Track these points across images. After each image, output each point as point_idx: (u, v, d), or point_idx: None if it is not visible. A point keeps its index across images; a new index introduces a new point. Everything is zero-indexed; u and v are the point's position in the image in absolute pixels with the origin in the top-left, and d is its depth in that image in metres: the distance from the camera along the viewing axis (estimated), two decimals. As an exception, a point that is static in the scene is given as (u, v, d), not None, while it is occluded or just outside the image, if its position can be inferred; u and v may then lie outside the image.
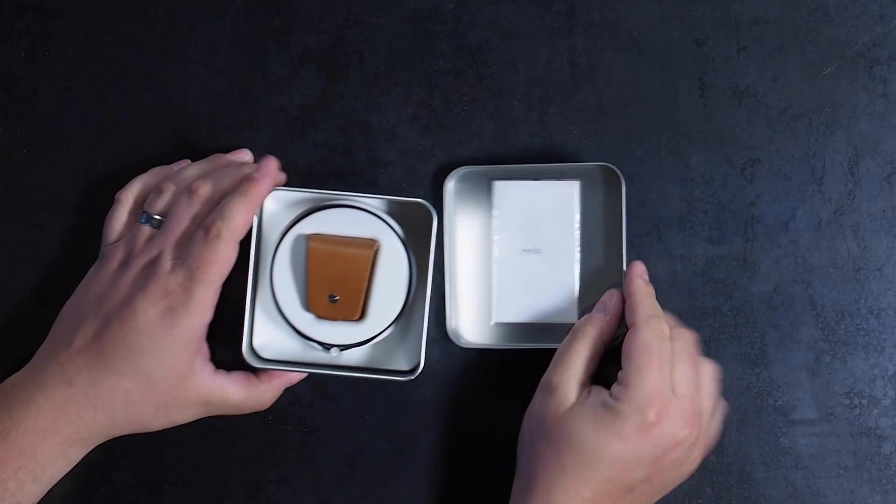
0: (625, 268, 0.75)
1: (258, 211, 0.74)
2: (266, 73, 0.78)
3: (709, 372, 0.72)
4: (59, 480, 0.72)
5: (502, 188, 0.76)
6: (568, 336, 0.72)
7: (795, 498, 0.77)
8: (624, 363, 0.69)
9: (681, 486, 0.76)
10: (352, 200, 0.74)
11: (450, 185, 0.76)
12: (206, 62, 0.78)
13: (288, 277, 0.74)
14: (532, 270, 0.76)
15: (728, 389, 0.76)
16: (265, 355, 0.75)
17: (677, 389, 0.68)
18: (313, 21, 0.78)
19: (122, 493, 0.77)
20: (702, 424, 0.70)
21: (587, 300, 0.76)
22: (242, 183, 0.71)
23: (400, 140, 0.78)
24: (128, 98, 0.78)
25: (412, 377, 0.74)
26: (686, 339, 0.71)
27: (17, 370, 0.71)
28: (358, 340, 0.74)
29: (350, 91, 0.78)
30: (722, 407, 0.74)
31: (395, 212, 0.75)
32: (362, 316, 0.74)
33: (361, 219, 0.73)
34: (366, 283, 0.73)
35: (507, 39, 0.78)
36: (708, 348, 0.77)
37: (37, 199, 0.78)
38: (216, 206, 0.71)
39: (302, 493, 0.77)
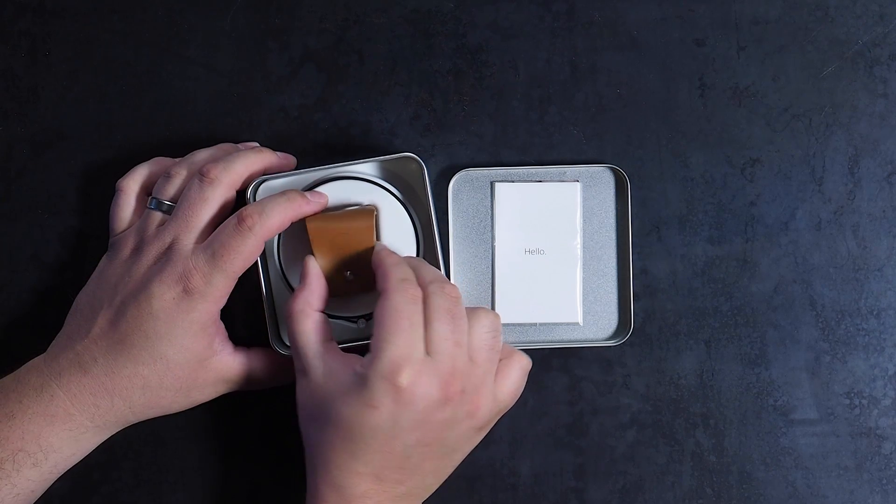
0: (630, 268, 0.75)
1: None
2: (266, 73, 0.78)
3: (483, 324, 0.68)
4: (61, 480, 0.72)
5: (504, 190, 0.76)
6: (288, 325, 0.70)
7: (795, 498, 0.77)
8: (374, 330, 0.66)
9: (681, 486, 0.76)
10: (341, 172, 0.74)
11: (451, 187, 0.76)
12: (206, 62, 0.78)
13: (298, 264, 0.73)
14: (534, 271, 0.76)
15: (728, 389, 0.77)
16: None
17: (433, 349, 0.65)
18: (313, 21, 0.78)
19: (122, 493, 0.77)
20: (470, 379, 0.66)
21: (589, 300, 0.76)
22: (290, 193, 0.70)
23: (400, 140, 0.78)
24: (128, 98, 0.78)
25: None
26: (445, 295, 0.67)
27: (17, 370, 0.71)
28: None
29: (350, 91, 0.78)
30: (517, 359, 0.70)
31: (387, 173, 0.74)
32: None
33: (355, 188, 0.73)
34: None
35: (507, 39, 0.78)
36: (708, 348, 0.77)
37: (37, 199, 0.78)
38: (228, 189, 0.71)
39: (302, 493, 0.77)
